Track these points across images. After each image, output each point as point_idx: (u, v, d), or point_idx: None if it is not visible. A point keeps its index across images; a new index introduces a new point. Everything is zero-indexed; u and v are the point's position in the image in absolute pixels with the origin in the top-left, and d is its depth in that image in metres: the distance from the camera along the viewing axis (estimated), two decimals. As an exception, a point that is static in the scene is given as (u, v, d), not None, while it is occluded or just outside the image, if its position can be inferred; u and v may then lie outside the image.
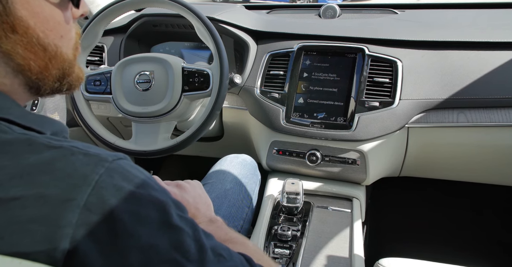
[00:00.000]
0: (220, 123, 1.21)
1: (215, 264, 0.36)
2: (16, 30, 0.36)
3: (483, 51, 0.96)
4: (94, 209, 0.30)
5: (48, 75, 0.41)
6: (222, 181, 0.95)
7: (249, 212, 0.94)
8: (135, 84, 0.93)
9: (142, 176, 0.35)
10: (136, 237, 0.32)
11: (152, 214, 0.33)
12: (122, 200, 0.32)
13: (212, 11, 1.08)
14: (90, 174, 0.31)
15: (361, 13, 1.29)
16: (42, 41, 0.38)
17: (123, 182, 0.33)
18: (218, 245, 0.40)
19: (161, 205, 0.35)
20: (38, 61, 0.39)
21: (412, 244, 1.34)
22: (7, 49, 0.36)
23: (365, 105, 0.95)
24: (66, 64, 0.43)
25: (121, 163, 0.34)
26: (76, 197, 0.30)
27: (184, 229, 0.35)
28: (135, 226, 0.32)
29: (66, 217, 0.29)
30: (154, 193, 0.35)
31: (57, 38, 0.40)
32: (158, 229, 0.33)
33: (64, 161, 0.32)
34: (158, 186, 0.36)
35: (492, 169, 1.08)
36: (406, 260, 0.73)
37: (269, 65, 1.07)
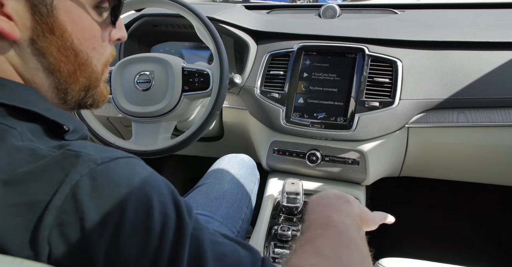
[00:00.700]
0: (220, 123, 1.21)
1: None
2: (54, 32, 0.39)
3: (483, 51, 0.96)
4: (69, 209, 0.31)
5: (76, 81, 0.44)
6: (220, 181, 0.94)
7: (248, 212, 0.94)
8: (135, 84, 0.93)
9: (131, 176, 0.34)
10: (104, 238, 0.31)
11: (128, 215, 0.32)
12: (97, 200, 0.32)
13: (212, 11, 1.08)
14: (72, 175, 0.32)
15: (361, 13, 1.29)
16: (75, 47, 0.42)
17: (103, 182, 0.33)
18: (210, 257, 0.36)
19: (142, 205, 0.33)
20: (68, 65, 0.42)
21: (412, 244, 1.34)
22: (42, 47, 0.39)
23: (365, 105, 0.95)
24: (93, 76, 0.46)
25: (111, 165, 0.34)
26: (55, 198, 0.31)
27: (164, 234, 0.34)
28: (105, 227, 0.31)
29: (45, 220, 0.30)
30: (137, 194, 0.34)
31: (89, 49, 0.43)
32: (130, 232, 0.32)
33: (55, 166, 0.32)
34: (149, 185, 0.35)
35: (492, 169, 1.08)
36: (406, 260, 0.73)
37: (269, 65, 1.07)
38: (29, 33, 0.38)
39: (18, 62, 0.39)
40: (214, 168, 1.01)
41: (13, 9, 0.36)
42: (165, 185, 0.38)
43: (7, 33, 0.37)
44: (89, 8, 0.42)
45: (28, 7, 0.37)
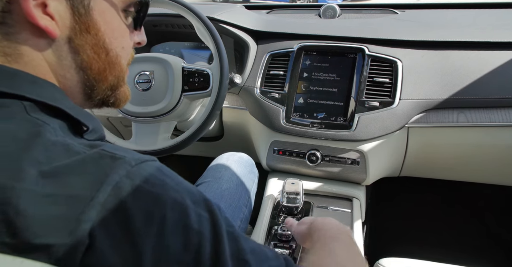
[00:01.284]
0: (220, 123, 1.21)
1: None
2: (89, 31, 0.42)
3: (483, 51, 0.96)
4: (112, 207, 0.32)
5: (104, 79, 0.46)
6: (219, 180, 0.94)
7: (247, 211, 0.94)
8: (135, 84, 0.93)
9: (163, 177, 0.36)
10: (149, 236, 0.33)
11: (168, 214, 0.34)
12: (138, 199, 0.33)
13: (212, 11, 1.08)
14: (112, 175, 0.33)
15: (361, 13, 1.29)
16: (107, 46, 0.44)
17: (142, 183, 0.34)
18: (247, 250, 0.38)
19: (179, 205, 0.35)
20: (99, 62, 0.44)
21: (412, 244, 1.34)
22: (78, 45, 0.42)
23: (365, 105, 0.95)
24: (121, 74, 0.48)
25: (143, 166, 0.36)
26: (98, 195, 0.32)
27: (201, 231, 0.35)
28: (149, 225, 0.33)
29: (88, 215, 0.31)
30: (173, 193, 0.36)
31: (119, 48, 0.46)
32: (172, 230, 0.34)
33: (92, 164, 0.34)
34: (179, 186, 0.37)
35: (492, 169, 1.08)
36: (406, 260, 0.73)
37: (269, 65, 1.07)
38: (68, 32, 0.41)
39: (53, 59, 0.41)
40: (212, 167, 1.01)
41: (55, 9, 0.39)
42: (193, 186, 0.40)
43: (50, 32, 0.39)
44: (120, 10, 0.45)
45: (68, 7, 0.40)
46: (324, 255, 0.49)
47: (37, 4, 0.37)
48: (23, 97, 0.37)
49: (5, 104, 0.36)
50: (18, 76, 0.38)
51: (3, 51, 0.38)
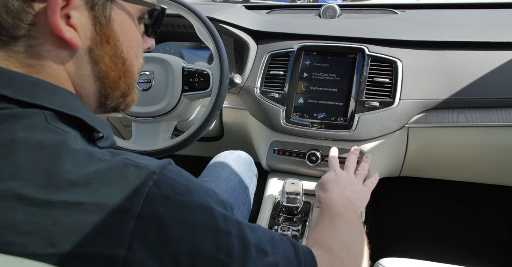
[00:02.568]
0: (220, 123, 1.21)
1: (257, 260, 0.38)
2: (109, 41, 0.43)
3: (483, 51, 0.96)
4: (147, 218, 0.33)
5: (118, 87, 0.47)
6: (217, 179, 0.94)
7: (245, 209, 0.94)
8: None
9: (186, 182, 0.38)
10: (184, 241, 0.34)
11: (198, 219, 0.36)
12: (170, 209, 0.35)
13: (212, 11, 1.08)
14: (141, 187, 0.34)
15: (361, 13, 1.29)
16: (124, 55, 0.45)
17: (170, 191, 0.35)
18: (263, 239, 0.41)
19: (206, 209, 0.37)
20: (116, 71, 0.45)
21: (412, 244, 1.34)
22: (98, 55, 0.42)
23: (365, 105, 0.95)
24: (132, 82, 0.49)
25: (167, 173, 0.37)
26: (131, 207, 0.33)
27: (228, 230, 0.38)
28: (183, 232, 0.34)
29: (123, 226, 0.32)
30: (198, 198, 0.37)
31: (133, 57, 0.47)
32: (203, 233, 0.36)
33: (119, 173, 0.35)
34: (201, 189, 0.39)
35: (492, 169, 1.08)
36: (406, 260, 0.73)
37: (269, 65, 1.07)
38: (89, 42, 0.41)
39: (73, 70, 0.42)
40: (210, 166, 1.01)
41: (78, 21, 0.39)
42: (207, 186, 0.42)
43: (74, 44, 0.39)
44: (136, 19, 0.46)
45: (90, 19, 0.40)
46: (327, 234, 0.57)
47: (61, 15, 0.38)
48: (44, 107, 0.38)
49: (27, 114, 0.36)
50: (38, 86, 0.38)
51: (26, 62, 0.38)
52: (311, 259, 0.44)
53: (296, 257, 0.42)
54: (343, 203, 0.69)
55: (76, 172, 0.33)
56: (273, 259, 0.40)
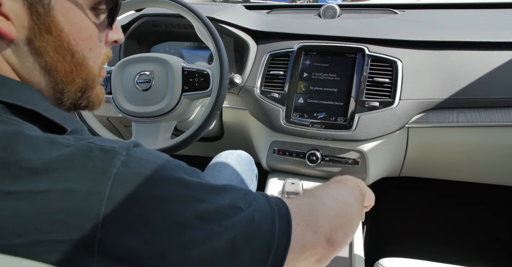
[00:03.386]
0: (220, 123, 1.21)
1: (232, 217, 0.38)
2: (51, 32, 0.40)
3: (483, 51, 0.96)
4: (119, 198, 0.32)
5: (72, 82, 0.44)
6: (218, 179, 0.94)
7: None
8: (135, 84, 0.93)
9: (154, 158, 0.37)
10: (162, 216, 0.34)
11: (173, 192, 0.35)
12: (142, 186, 0.34)
13: (212, 11, 1.08)
14: (109, 168, 0.33)
15: (361, 13, 1.29)
16: (72, 47, 0.42)
17: (139, 169, 0.35)
18: (236, 198, 0.41)
19: (179, 181, 0.37)
20: (65, 64, 0.42)
21: (412, 244, 1.34)
22: (39, 47, 0.40)
23: (365, 105, 0.95)
24: (90, 77, 0.46)
25: (133, 153, 0.36)
26: (100, 190, 0.32)
27: (203, 198, 0.37)
28: (159, 206, 0.34)
29: (94, 209, 0.31)
30: (170, 172, 0.37)
31: (86, 49, 0.44)
32: (180, 204, 0.35)
33: (83, 157, 0.34)
34: (171, 163, 0.38)
35: (492, 169, 1.08)
36: (406, 260, 0.73)
37: (269, 65, 1.07)
38: (26, 32, 0.39)
39: (15, 61, 0.40)
40: (211, 166, 1.01)
41: (10, 9, 0.37)
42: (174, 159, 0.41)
43: (5, 33, 0.37)
44: (87, 9, 0.42)
45: (25, 7, 0.38)
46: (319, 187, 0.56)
47: None
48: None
49: None
50: None
51: None
52: (282, 204, 0.43)
53: (269, 206, 0.42)
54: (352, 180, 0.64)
55: (37, 160, 0.32)
56: (248, 212, 0.39)
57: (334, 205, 0.50)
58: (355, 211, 0.53)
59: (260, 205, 0.41)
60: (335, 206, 0.49)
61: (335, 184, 0.60)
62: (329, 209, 0.48)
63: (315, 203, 0.48)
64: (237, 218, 0.38)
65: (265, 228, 0.39)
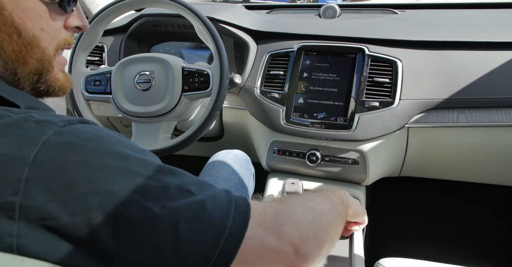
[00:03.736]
0: (220, 123, 1.21)
1: (179, 199, 0.36)
2: None
3: (483, 51, 0.96)
4: (44, 164, 0.32)
5: (24, 62, 0.44)
6: (216, 178, 0.94)
7: None
8: (135, 84, 0.93)
9: (98, 132, 0.37)
10: (92, 184, 0.33)
11: (108, 162, 0.35)
12: (72, 154, 0.33)
13: (212, 11, 1.08)
14: (38, 136, 0.33)
15: (361, 13, 1.29)
16: (17, 26, 0.42)
17: (74, 139, 0.34)
18: (188, 182, 0.39)
19: (118, 154, 0.36)
20: (12, 43, 0.42)
21: (412, 244, 1.33)
22: None
23: (365, 105, 0.95)
24: (45, 57, 0.46)
25: (75, 126, 0.36)
26: (24, 155, 0.32)
27: (144, 173, 0.36)
28: (90, 174, 0.33)
29: (15, 174, 0.31)
30: (109, 145, 0.36)
31: (36, 29, 0.43)
32: (115, 175, 0.34)
33: (16, 127, 0.34)
34: (116, 138, 0.37)
35: (492, 169, 1.08)
36: (406, 260, 0.73)
37: (269, 65, 1.07)
38: None
39: None
40: (209, 165, 1.01)
41: None
42: (124, 136, 0.41)
43: None
44: None
45: None
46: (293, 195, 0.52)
47: None
48: None
49: None
50: None
51: None
52: (244, 202, 0.41)
53: (227, 198, 0.40)
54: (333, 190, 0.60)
55: None
56: (199, 198, 0.37)
57: (306, 213, 0.46)
58: (331, 220, 0.49)
59: (216, 195, 0.39)
60: (307, 214, 0.46)
61: (312, 193, 0.57)
62: (300, 216, 0.44)
63: (284, 207, 0.45)
64: (185, 201, 0.36)
65: (217, 218, 0.37)
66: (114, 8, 0.93)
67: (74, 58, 0.96)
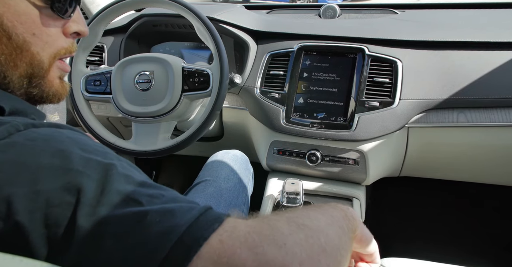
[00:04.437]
0: (220, 123, 1.21)
1: (117, 208, 0.32)
2: None
3: (483, 51, 0.96)
4: None
5: (14, 65, 0.43)
6: (216, 178, 0.94)
7: (245, 209, 0.94)
8: (135, 84, 0.93)
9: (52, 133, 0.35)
10: (20, 184, 0.31)
11: (45, 162, 0.32)
12: (7, 153, 0.32)
13: (212, 11, 1.08)
14: None
15: (361, 13, 1.29)
16: (6, 29, 0.41)
17: (18, 139, 0.33)
18: (143, 192, 0.34)
19: (59, 152, 0.33)
20: (1, 46, 0.42)
21: (412, 244, 1.33)
22: None
23: (365, 105, 0.95)
24: (35, 63, 0.45)
25: (34, 129, 0.34)
26: None
27: (85, 171, 0.33)
28: (19, 174, 0.31)
29: None
30: (55, 144, 0.34)
31: (27, 33, 0.43)
32: (48, 174, 0.32)
33: None
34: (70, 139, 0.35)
35: (492, 169, 1.08)
36: (407, 260, 0.73)
37: (269, 65, 1.07)
38: None
39: None
40: (208, 165, 1.01)
41: None
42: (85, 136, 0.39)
43: None
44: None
45: None
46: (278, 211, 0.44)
47: None
48: None
49: None
50: None
51: None
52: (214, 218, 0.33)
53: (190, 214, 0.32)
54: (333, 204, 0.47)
55: None
56: (143, 209, 0.32)
57: (294, 230, 0.34)
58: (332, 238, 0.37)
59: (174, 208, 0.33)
60: (295, 231, 0.34)
61: (305, 208, 0.45)
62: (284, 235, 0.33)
63: (262, 225, 0.34)
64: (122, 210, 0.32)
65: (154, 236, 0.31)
66: (114, 8, 0.93)
67: (74, 58, 0.97)
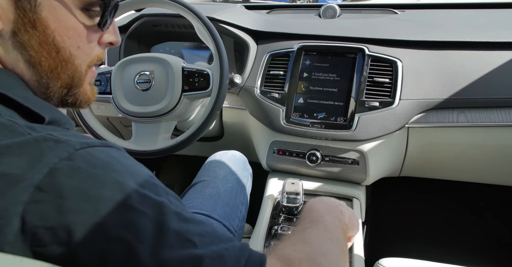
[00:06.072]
0: (220, 123, 1.21)
1: (176, 249, 0.34)
2: (36, 27, 0.41)
3: (483, 51, 0.96)
4: (46, 188, 0.32)
5: (57, 78, 0.45)
6: (214, 179, 0.94)
7: (243, 209, 0.94)
8: (135, 84, 0.93)
9: (109, 159, 0.36)
10: (82, 214, 0.32)
11: (105, 193, 0.33)
12: (74, 179, 0.33)
13: (212, 11, 1.08)
14: (51, 158, 0.33)
15: (361, 13, 1.29)
16: (57, 44, 0.43)
17: (81, 164, 0.34)
18: (193, 230, 0.36)
19: (118, 185, 0.34)
20: (50, 60, 0.43)
21: (412, 244, 1.34)
22: (23, 40, 0.41)
23: (365, 105, 0.95)
24: (76, 74, 0.47)
25: (91, 150, 0.35)
26: (33, 177, 0.32)
27: (143, 210, 0.34)
28: (82, 203, 0.32)
29: (19, 195, 0.31)
30: (113, 174, 0.35)
31: (73, 47, 0.45)
32: (108, 208, 0.33)
33: (34, 146, 0.33)
34: (125, 168, 0.36)
35: (492, 169, 1.08)
36: (406, 260, 0.73)
37: (269, 65, 1.07)
38: (12, 26, 0.40)
39: (0, 51, 0.42)
40: (206, 166, 1.01)
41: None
42: (145, 171, 0.39)
43: None
44: (75, 9, 0.44)
45: (12, 2, 0.40)
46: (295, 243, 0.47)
47: None
48: None
49: None
50: None
51: None
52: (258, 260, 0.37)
53: (236, 258, 0.36)
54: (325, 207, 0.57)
55: None
56: (199, 252, 0.34)
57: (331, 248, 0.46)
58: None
59: (222, 252, 0.36)
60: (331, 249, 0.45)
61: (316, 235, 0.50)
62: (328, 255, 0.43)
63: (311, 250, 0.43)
64: (180, 253, 0.34)
65: None
66: (114, 8, 0.93)
67: None
